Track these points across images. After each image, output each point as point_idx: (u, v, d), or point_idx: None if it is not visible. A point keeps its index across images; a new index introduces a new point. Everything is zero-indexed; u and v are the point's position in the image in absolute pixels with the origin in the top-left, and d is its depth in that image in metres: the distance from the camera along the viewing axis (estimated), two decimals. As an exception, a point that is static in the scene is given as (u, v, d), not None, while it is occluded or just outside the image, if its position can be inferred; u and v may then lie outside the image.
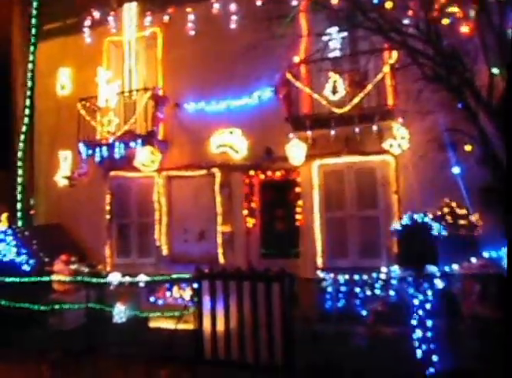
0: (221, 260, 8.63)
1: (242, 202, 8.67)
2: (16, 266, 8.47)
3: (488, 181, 6.01)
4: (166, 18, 9.38)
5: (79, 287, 7.99)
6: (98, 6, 9.95)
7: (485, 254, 5.91)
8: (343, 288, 6.90)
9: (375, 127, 7.15)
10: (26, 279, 7.94)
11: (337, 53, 7.46)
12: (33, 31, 10.93)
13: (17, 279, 7.93)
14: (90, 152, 9.37)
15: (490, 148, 5.80)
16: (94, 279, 7.77)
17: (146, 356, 6.40)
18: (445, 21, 6.11)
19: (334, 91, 7.32)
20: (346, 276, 6.73)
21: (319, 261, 7.91)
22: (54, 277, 8.20)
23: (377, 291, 6.61)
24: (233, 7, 8.69)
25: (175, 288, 8.08)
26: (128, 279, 8.07)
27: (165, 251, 9.22)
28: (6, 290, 7.80)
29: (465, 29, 6.12)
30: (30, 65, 10.82)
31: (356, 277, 6.62)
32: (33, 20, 10.91)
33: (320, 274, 7.53)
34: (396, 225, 6.66)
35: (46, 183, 10.38)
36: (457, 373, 5.01)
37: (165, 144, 9.28)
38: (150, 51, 9.82)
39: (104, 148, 9.24)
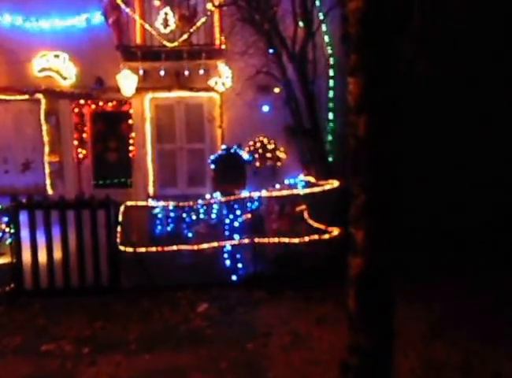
0: (50, 191, 9.15)
1: (71, 132, 9.17)
2: None
3: (290, 121, 8.12)
4: None
5: None
6: None
7: (286, 181, 8.14)
8: (172, 214, 8.51)
9: (202, 65, 8.41)
10: None
11: (168, -15, 8.34)
12: None
13: None
14: None
15: (291, 91, 7.80)
16: None
17: None
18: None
19: (165, 25, 8.26)
20: (175, 203, 8.31)
21: (151, 191, 9.18)
22: None
23: (201, 216, 8.44)
24: None
25: None
26: None
27: None
28: None
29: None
30: None
31: (183, 204, 8.26)
32: None
33: (152, 202, 8.98)
34: (213, 156, 8.40)
35: None
36: (254, 277, 6.92)
37: None
38: None
39: None
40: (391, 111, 2.48)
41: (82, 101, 9.19)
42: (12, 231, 6.65)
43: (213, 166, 8.19)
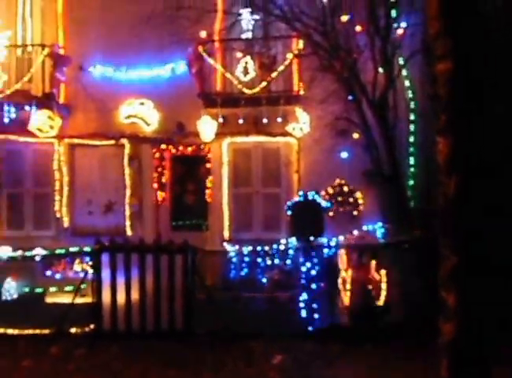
0: (129, 232, 9.77)
1: (152, 175, 9.87)
2: None
3: (369, 166, 8.30)
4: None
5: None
6: None
7: (364, 228, 8.22)
8: (246, 259, 8.76)
9: (280, 111, 8.89)
10: None
11: (249, 35, 9.08)
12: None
13: None
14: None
15: (371, 136, 8.03)
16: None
17: (35, 333, 6.96)
18: (343, 18, 8.08)
19: (245, 72, 8.91)
20: (250, 248, 8.44)
21: (226, 234, 9.63)
22: None
23: (276, 261, 8.63)
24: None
25: (76, 262, 8.92)
26: (20, 253, 8.20)
27: (66, 223, 9.97)
28: None
29: (358, 28, 8.13)
30: None
31: (259, 248, 8.46)
32: None
33: (227, 246, 9.27)
34: (290, 202, 8.71)
35: None
36: (330, 328, 6.97)
37: (67, 109, 9.82)
38: (49, 3, 10.08)
39: (-11, 107, 9.21)
40: (482, 170, 2.54)
41: (163, 146, 9.92)
42: (93, 272, 7.11)
43: (289, 212, 8.49)
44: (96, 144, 10.10)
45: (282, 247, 8.45)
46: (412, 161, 8.81)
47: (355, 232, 7.98)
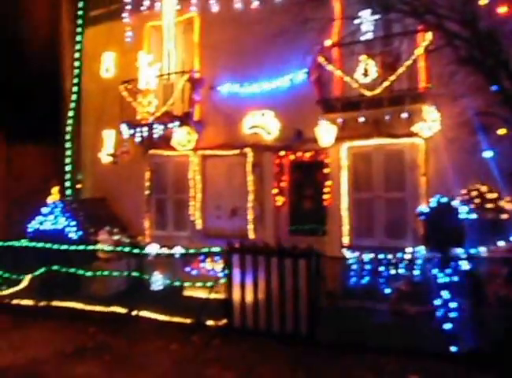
0: (251, 235, 8.65)
1: (272, 181, 8.60)
2: (65, 235, 8.80)
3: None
4: (203, 3, 9.24)
5: (121, 256, 8.28)
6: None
7: (512, 238, 5.63)
8: (367, 266, 6.81)
9: (405, 110, 6.83)
10: (74, 247, 8.27)
11: (369, 36, 7.13)
12: (80, 17, 11.08)
13: (66, 247, 8.25)
14: (131, 132, 9.52)
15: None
16: (136, 250, 8.00)
17: (179, 321, 6.56)
18: (482, 2, 5.70)
19: (365, 74, 7.01)
20: (372, 255, 6.65)
21: (345, 240, 7.77)
22: (99, 246, 8.51)
23: (402, 271, 6.50)
24: (267, -9, 8.47)
25: (208, 260, 8.25)
26: (164, 250, 8.29)
27: (198, 226, 9.33)
28: (56, 256, 8.16)
29: (502, 10, 5.68)
30: (77, 48, 11.03)
31: (381, 256, 6.53)
32: (80, 5, 11.04)
33: (346, 252, 7.45)
34: (423, 207, 6.43)
35: (92, 159, 10.64)
36: (478, 355, 4.84)
37: (201, 125, 9.28)
38: (188, 35, 9.73)
39: (144, 128, 9.35)
40: None
41: (282, 153, 8.61)
42: (225, 271, 6.53)
43: (422, 218, 6.22)
44: (223, 154, 9.23)
45: (408, 256, 6.36)
46: None
47: (501, 243, 5.45)
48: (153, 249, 8.48)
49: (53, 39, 11.58)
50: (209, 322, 6.44)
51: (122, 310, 7.09)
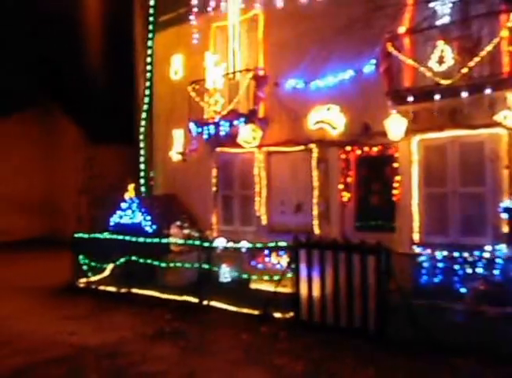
0: (316, 231, 8.58)
1: (338, 177, 8.43)
2: (142, 228, 9.39)
3: None
4: (267, 1, 9.31)
5: (191, 249, 8.65)
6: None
7: None
8: (440, 264, 6.47)
9: (486, 98, 6.33)
10: (149, 240, 8.78)
11: (446, 20, 6.67)
12: (151, 22, 11.71)
13: (143, 240, 8.77)
14: (199, 130, 9.83)
15: None
16: (206, 243, 8.25)
17: (248, 312, 6.73)
18: None
19: (440, 61, 6.58)
20: (445, 253, 6.29)
21: (416, 237, 7.39)
22: (171, 239, 9.00)
23: (479, 270, 6.08)
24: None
25: (273, 255, 8.36)
26: (231, 244, 8.51)
27: (264, 221, 9.44)
28: (135, 247, 8.73)
29: None
30: (149, 53, 11.62)
31: (456, 254, 6.15)
32: (151, 11, 11.64)
33: (417, 249, 7.11)
34: (508, 203, 5.91)
35: (163, 158, 11.19)
36: None
37: (265, 122, 9.33)
38: (252, 33, 9.83)
39: (211, 126, 9.62)
40: None
41: (348, 148, 8.39)
42: (293, 265, 6.52)
43: (506, 215, 5.75)
44: (288, 150, 9.21)
45: (487, 255, 5.93)
46: None
47: None
48: (220, 242, 8.75)
49: (128, 46, 12.43)
50: (277, 314, 6.52)
51: (194, 300, 7.44)
